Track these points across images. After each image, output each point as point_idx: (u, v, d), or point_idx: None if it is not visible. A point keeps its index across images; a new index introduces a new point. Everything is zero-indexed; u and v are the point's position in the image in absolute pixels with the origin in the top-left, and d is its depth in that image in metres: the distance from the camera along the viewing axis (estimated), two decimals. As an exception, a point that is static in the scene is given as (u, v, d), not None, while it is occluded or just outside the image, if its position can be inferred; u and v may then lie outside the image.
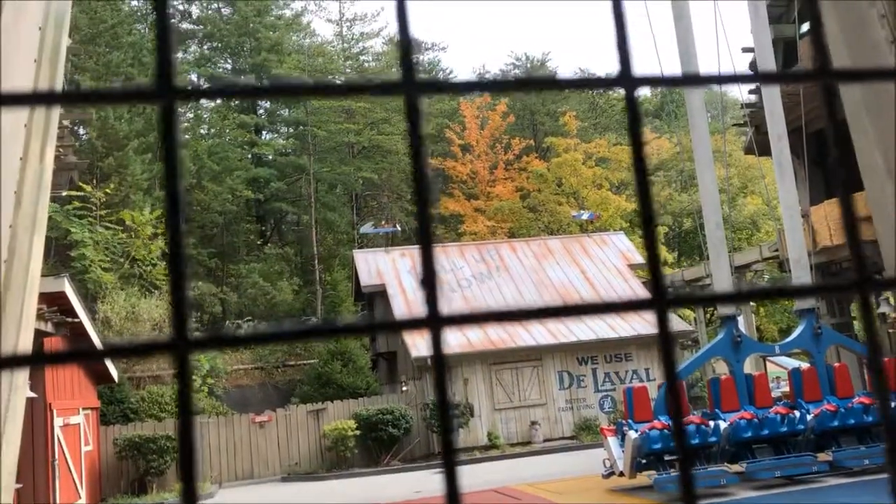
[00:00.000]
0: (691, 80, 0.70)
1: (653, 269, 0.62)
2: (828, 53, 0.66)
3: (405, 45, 0.60)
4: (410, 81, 0.60)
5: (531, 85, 0.64)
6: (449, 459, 0.56)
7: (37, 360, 0.57)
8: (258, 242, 42.76)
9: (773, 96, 14.12)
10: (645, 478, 12.25)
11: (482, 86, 0.64)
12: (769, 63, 14.49)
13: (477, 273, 26.66)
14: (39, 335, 13.61)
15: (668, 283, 29.24)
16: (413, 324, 0.59)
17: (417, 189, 0.59)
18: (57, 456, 15.52)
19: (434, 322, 0.58)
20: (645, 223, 0.61)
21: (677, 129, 40.13)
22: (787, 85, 19.44)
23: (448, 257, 27.64)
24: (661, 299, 0.61)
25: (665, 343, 0.61)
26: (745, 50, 22.95)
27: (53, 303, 14.53)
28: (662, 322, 0.61)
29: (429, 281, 0.58)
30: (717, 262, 13.76)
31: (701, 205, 14.20)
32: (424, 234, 0.59)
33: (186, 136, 40.33)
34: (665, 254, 36.84)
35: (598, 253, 28.22)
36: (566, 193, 39.74)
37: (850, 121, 3.73)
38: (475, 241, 33.07)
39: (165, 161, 0.57)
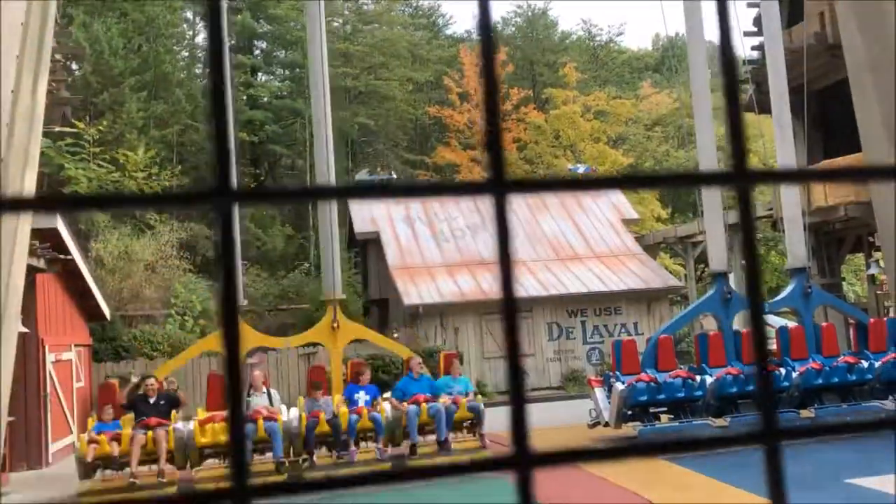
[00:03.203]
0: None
1: (735, 145, 0.60)
2: None
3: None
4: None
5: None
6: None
7: (72, 205, 0.56)
8: (252, 185, 42.55)
9: (776, 53, 13.97)
10: (630, 429, 12.46)
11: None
12: (774, 18, 14.30)
13: (471, 224, 26.65)
14: (31, 271, 13.61)
15: (660, 239, 29.15)
16: (476, 189, 0.58)
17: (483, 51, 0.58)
18: (49, 391, 15.67)
19: (498, 188, 0.57)
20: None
21: (677, 84, 39.78)
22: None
23: (443, 206, 27.59)
24: (743, 175, 0.59)
25: (746, 225, 0.60)
26: (751, 5, 22.63)
27: (46, 239, 14.50)
28: (745, 200, 0.59)
29: (493, 143, 0.56)
30: (712, 219, 13.78)
31: (698, 162, 14.16)
32: (490, 94, 0.56)
33: (182, 75, 39.77)
34: (659, 210, 36.82)
35: (593, 207, 28.20)
36: (563, 146, 39.52)
37: (852, 82, 3.69)
38: (470, 190, 32.97)
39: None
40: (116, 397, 12.42)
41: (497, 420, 16.64)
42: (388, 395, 12.93)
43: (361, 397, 12.58)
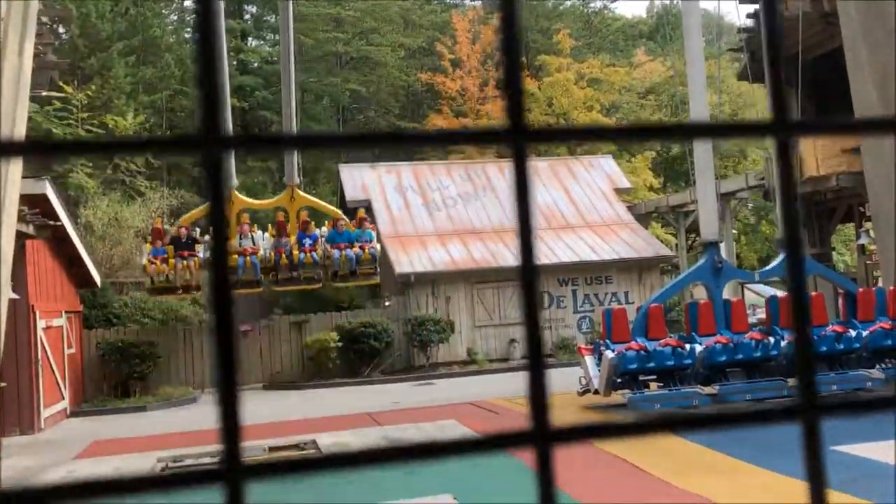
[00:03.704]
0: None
1: (775, 96, 0.58)
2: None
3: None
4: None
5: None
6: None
7: (63, 149, 0.54)
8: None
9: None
10: (619, 396, 12.57)
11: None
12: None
13: (463, 192, 26.58)
14: (21, 237, 13.53)
15: (652, 209, 29.16)
16: (495, 137, 0.55)
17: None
18: (40, 357, 15.67)
19: (518, 136, 0.54)
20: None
21: (671, 52, 39.51)
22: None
23: (434, 175, 27.50)
24: (782, 123, 0.57)
25: (785, 178, 0.58)
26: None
27: (35, 205, 14.41)
28: (785, 152, 0.57)
29: (513, 87, 0.53)
30: (704, 189, 13.78)
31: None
32: (509, 40, 0.53)
33: (171, 39, 39.25)
34: (651, 179, 36.79)
35: (585, 176, 28.16)
36: (556, 114, 39.31)
37: (847, 54, 3.68)
38: (462, 159, 32.86)
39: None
40: (162, 235, 18.72)
41: (489, 388, 16.78)
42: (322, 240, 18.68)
43: (307, 242, 18.52)
